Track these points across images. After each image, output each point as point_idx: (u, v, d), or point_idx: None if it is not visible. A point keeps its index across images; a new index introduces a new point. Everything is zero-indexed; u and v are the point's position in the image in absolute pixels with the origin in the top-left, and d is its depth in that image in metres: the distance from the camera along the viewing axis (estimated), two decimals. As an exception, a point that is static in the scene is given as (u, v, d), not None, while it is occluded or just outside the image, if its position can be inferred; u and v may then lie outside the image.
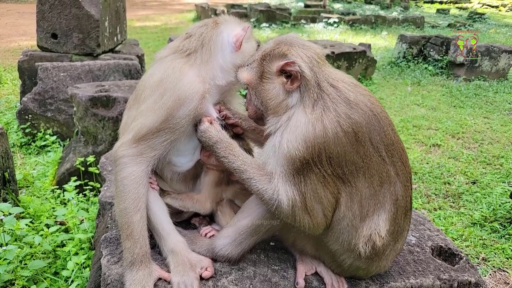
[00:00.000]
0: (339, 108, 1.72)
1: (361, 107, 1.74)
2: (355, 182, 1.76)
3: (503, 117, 7.64)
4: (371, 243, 1.80)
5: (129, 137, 1.88)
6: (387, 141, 1.80)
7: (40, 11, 6.27)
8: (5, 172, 3.77)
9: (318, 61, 1.82)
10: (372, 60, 9.78)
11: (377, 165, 1.77)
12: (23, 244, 3.20)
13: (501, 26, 19.56)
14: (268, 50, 1.86)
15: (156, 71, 1.95)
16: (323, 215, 1.78)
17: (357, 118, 1.72)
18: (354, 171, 1.74)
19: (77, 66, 5.74)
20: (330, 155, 1.69)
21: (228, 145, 1.91)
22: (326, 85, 1.77)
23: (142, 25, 17.52)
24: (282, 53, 1.80)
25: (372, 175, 1.76)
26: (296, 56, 1.78)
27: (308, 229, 1.80)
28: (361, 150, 1.73)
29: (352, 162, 1.72)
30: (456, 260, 2.26)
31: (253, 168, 1.84)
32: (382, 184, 1.79)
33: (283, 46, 1.83)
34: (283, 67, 1.78)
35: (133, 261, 1.85)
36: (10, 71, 9.32)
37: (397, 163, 1.84)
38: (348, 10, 22.32)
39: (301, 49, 1.81)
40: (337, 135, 1.68)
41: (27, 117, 5.69)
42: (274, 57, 1.83)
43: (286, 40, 1.87)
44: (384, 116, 1.83)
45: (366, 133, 1.73)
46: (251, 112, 2.00)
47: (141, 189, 1.87)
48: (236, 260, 2.02)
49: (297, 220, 1.77)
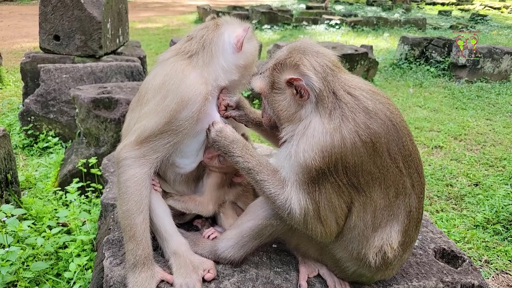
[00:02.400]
0: (358, 117, 1.68)
1: (380, 116, 1.71)
2: (370, 192, 1.73)
3: (505, 119, 7.62)
4: (382, 254, 1.79)
5: (131, 139, 1.88)
6: (405, 152, 1.77)
7: (42, 13, 6.29)
8: (8, 173, 3.77)
9: (332, 68, 1.77)
10: (374, 62, 9.78)
11: (394, 176, 1.74)
12: (26, 246, 3.20)
13: (503, 28, 19.53)
14: (280, 58, 1.82)
15: (158, 73, 1.95)
16: (336, 223, 1.76)
17: (376, 128, 1.68)
18: (370, 181, 1.71)
19: (79, 68, 5.75)
20: (346, 165, 1.67)
21: (244, 144, 1.89)
22: (343, 94, 1.73)
23: (144, 26, 17.55)
24: (294, 63, 1.76)
25: (388, 186, 1.74)
26: (308, 67, 1.73)
27: (320, 237, 1.79)
28: (378, 161, 1.70)
29: (368, 172, 1.70)
30: (459, 262, 2.25)
31: (268, 171, 1.82)
32: (397, 196, 1.77)
33: (295, 55, 1.78)
34: (290, 80, 1.74)
35: (136, 263, 1.85)
36: (12, 72, 9.35)
37: (413, 175, 1.82)
38: (350, 12, 22.31)
39: (314, 58, 1.76)
40: (355, 145, 1.65)
41: (29, 118, 5.70)
42: (285, 67, 1.78)
43: (300, 48, 1.82)
44: (403, 125, 1.80)
45: (384, 144, 1.70)
46: (265, 120, 1.97)
47: (144, 191, 1.86)
48: (239, 263, 2.01)
49: (309, 228, 1.76)
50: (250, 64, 2.08)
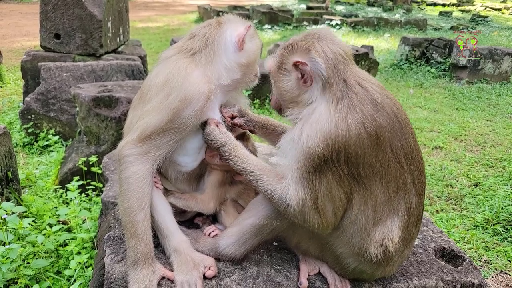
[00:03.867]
0: (366, 108, 1.68)
1: (387, 110, 1.72)
2: (370, 186, 1.74)
3: (506, 120, 7.63)
4: (383, 248, 1.79)
5: (134, 136, 1.88)
6: (407, 148, 1.78)
7: (43, 11, 6.30)
8: (8, 171, 3.78)
9: (345, 58, 1.77)
10: (374, 62, 9.79)
11: (395, 171, 1.75)
12: (26, 243, 3.20)
13: (504, 29, 19.54)
14: (294, 41, 1.81)
15: (161, 71, 1.95)
16: (333, 214, 1.76)
17: (382, 121, 1.69)
18: (371, 174, 1.72)
19: (80, 67, 5.75)
20: (349, 155, 1.67)
21: (232, 147, 1.91)
22: (354, 83, 1.73)
23: (145, 26, 17.56)
24: (306, 47, 1.74)
25: (389, 181, 1.75)
26: (320, 53, 1.72)
27: (317, 229, 1.79)
28: (381, 155, 1.71)
29: (370, 165, 1.70)
30: (459, 261, 2.25)
31: (259, 170, 1.84)
32: (398, 191, 1.78)
33: (309, 40, 1.77)
34: (296, 63, 1.74)
35: (137, 259, 1.85)
36: (13, 71, 9.35)
37: (414, 172, 1.83)
38: (351, 12, 22.31)
39: (327, 45, 1.75)
40: (360, 136, 1.65)
41: (30, 117, 5.70)
42: (296, 50, 1.77)
43: (316, 34, 1.81)
44: (407, 123, 1.81)
45: (388, 138, 1.71)
46: (273, 102, 2.00)
47: (146, 188, 1.87)
48: (239, 260, 2.02)
49: (306, 219, 1.76)
50: (252, 63, 2.08)
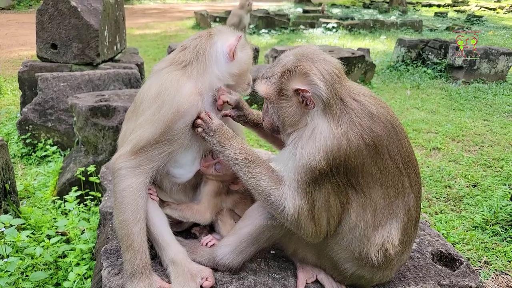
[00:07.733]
0: (363, 122, 1.73)
1: (382, 120, 1.77)
2: (370, 193, 1.78)
3: (502, 119, 7.64)
4: (384, 251, 1.82)
5: (127, 149, 1.89)
6: (404, 153, 1.84)
7: (39, 22, 6.31)
8: (6, 183, 3.78)
9: (339, 76, 1.81)
10: (371, 65, 9.81)
11: (394, 176, 1.80)
12: (25, 256, 3.20)
13: (499, 28, 19.59)
14: (288, 66, 1.81)
15: (153, 83, 1.97)
16: (327, 223, 1.79)
17: (379, 131, 1.74)
18: (371, 182, 1.77)
19: (77, 76, 5.77)
20: (348, 166, 1.71)
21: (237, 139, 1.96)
22: (350, 100, 1.79)
23: (142, 33, 17.59)
24: (304, 72, 1.75)
25: (389, 186, 1.80)
26: (318, 76, 1.74)
27: (310, 237, 1.81)
28: (380, 162, 1.76)
29: (369, 173, 1.75)
30: (456, 265, 2.26)
31: (262, 165, 1.87)
32: (397, 195, 1.83)
33: (304, 63, 1.78)
34: (297, 90, 1.76)
35: (134, 272, 1.85)
36: (10, 81, 9.35)
37: (411, 174, 1.88)
38: (347, 15, 22.37)
39: (322, 66, 1.78)
40: (359, 148, 1.70)
41: (27, 127, 5.71)
42: (294, 75, 1.78)
43: (308, 55, 1.82)
44: (401, 128, 1.87)
45: (386, 146, 1.76)
46: (267, 123, 1.98)
47: (140, 200, 1.87)
48: (237, 269, 2.02)
49: (301, 228, 1.77)
50: (244, 72, 2.10)
